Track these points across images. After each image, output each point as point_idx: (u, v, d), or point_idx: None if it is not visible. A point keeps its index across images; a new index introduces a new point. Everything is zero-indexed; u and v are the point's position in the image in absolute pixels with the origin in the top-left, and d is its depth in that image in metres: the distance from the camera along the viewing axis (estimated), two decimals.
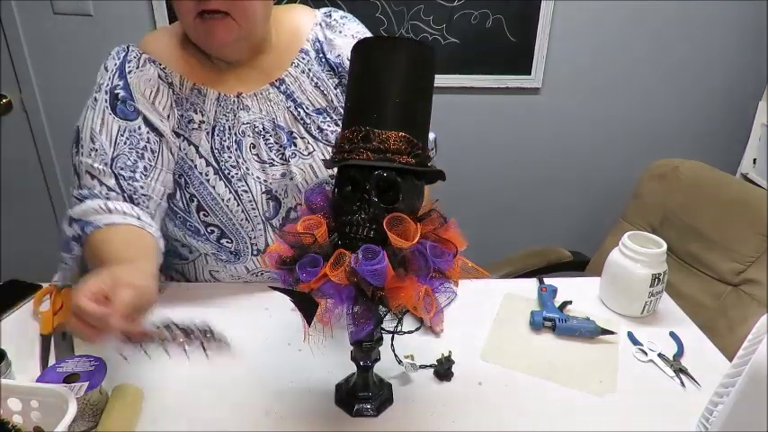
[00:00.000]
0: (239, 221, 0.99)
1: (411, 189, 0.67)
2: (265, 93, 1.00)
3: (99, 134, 0.92)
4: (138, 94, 0.94)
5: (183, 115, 0.97)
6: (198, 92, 0.98)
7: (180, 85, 0.97)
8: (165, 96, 0.96)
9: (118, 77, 0.95)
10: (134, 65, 0.95)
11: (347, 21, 1.07)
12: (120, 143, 0.93)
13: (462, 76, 1.86)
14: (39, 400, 0.68)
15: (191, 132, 0.97)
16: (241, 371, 0.86)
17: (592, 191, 2.11)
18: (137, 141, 0.93)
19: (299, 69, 1.02)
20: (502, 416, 0.81)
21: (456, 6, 1.75)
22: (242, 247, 1.03)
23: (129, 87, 0.94)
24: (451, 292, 0.66)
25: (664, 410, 0.83)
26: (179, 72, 0.97)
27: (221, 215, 0.99)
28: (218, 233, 1.00)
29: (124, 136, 0.93)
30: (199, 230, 1.00)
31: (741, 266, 1.30)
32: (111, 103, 0.93)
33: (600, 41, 1.86)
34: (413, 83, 0.68)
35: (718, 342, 0.99)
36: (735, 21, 1.86)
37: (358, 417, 0.80)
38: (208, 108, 0.98)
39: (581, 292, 1.09)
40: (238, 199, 0.98)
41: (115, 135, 0.93)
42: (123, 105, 0.93)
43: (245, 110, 0.99)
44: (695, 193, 1.42)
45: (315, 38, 1.04)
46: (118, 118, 0.93)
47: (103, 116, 0.93)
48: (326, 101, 1.03)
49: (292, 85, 1.01)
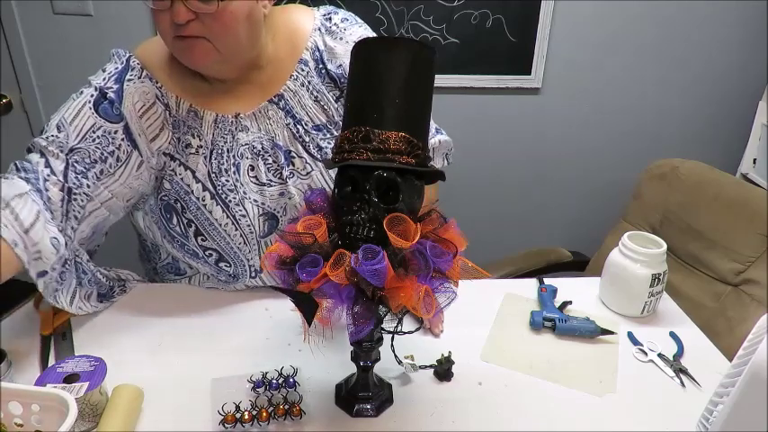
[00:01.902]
0: (237, 245, 0.97)
1: (411, 189, 0.67)
2: (264, 110, 0.97)
3: (68, 125, 0.89)
4: (128, 103, 0.91)
5: (181, 139, 0.94)
6: (194, 114, 0.94)
7: (176, 107, 0.94)
8: (156, 115, 0.93)
9: (114, 81, 0.92)
10: (135, 74, 0.93)
11: (349, 25, 1.01)
12: (89, 139, 0.89)
13: (462, 76, 1.86)
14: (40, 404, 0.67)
15: (188, 157, 0.94)
16: (241, 371, 0.86)
17: (592, 191, 2.11)
18: (106, 144, 0.90)
19: (297, 82, 0.97)
20: (502, 416, 0.81)
21: (456, 6, 1.75)
22: (240, 271, 1.01)
23: (121, 94, 0.91)
24: (451, 292, 0.66)
25: (664, 410, 0.83)
26: (174, 92, 0.94)
27: (219, 239, 0.96)
28: (216, 257, 0.99)
29: (96, 134, 0.89)
30: (197, 254, 0.99)
31: (741, 266, 1.30)
32: (96, 100, 0.90)
33: (600, 41, 1.86)
34: (413, 83, 0.67)
35: (718, 342, 0.99)
36: (735, 21, 1.85)
37: (358, 417, 0.80)
38: (205, 131, 0.95)
39: (581, 292, 1.09)
40: (236, 224, 0.96)
41: (86, 130, 0.89)
42: (109, 106, 0.90)
43: (243, 131, 0.96)
44: (695, 193, 1.42)
45: (314, 46, 0.98)
46: (98, 116, 0.90)
47: (81, 109, 0.90)
48: (327, 116, 0.99)
49: (291, 99, 0.97)
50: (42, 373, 0.79)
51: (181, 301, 1.04)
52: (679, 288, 1.37)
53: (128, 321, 0.98)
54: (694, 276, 1.39)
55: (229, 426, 0.76)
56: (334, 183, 0.71)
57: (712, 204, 1.37)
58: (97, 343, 0.94)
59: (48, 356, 0.90)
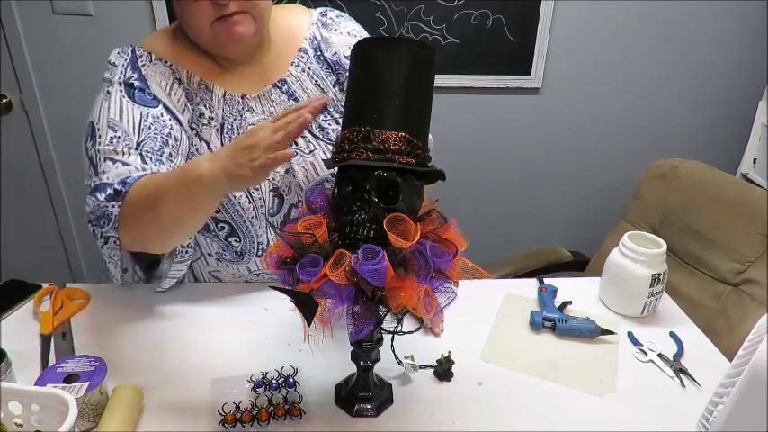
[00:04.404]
0: (249, 219, 0.99)
1: (411, 189, 0.67)
2: (268, 94, 1.01)
3: (120, 122, 0.88)
4: (154, 84, 0.93)
5: (195, 110, 0.98)
6: (205, 87, 0.98)
7: (188, 80, 0.97)
8: (179, 91, 0.96)
9: (131, 70, 0.93)
10: (146, 59, 0.95)
11: (342, 19, 1.08)
12: (145, 128, 0.89)
13: (462, 76, 1.86)
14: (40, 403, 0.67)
15: (201, 128, 0.98)
16: (241, 371, 0.86)
17: (592, 191, 2.11)
18: (161, 127, 0.91)
19: (299, 69, 1.03)
20: (502, 416, 0.81)
21: (456, 6, 1.75)
22: (248, 248, 1.03)
23: (144, 79, 0.93)
24: (451, 292, 0.66)
25: (664, 410, 0.83)
26: (185, 68, 0.97)
27: (233, 212, 0.99)
28: (227, 230, 1.00)
29: (148, 122, 0.90)
30: (209, 227, 1.00)
31: (741, 266, 1.30)
32: (127, 93, 0.91)
33: (600, 41, 1.86)
34: (413, 83, 0.68)
35: (718, 342, 0.99)
36: (735, 20, 1.86)
37: (358, 417, 0.80)
38: (215, 104, 0.98)
39: (581, 292, 1.09)
40: (250, 197, 0.99)
41: (138, 121, 0.89)
42: (142, 93, 0.92)
43: (249, 111, 1.00)
44: (695, 193, 1.42)
45: (312, 36, 1.05)
46: (138, 105, 0.90)
47: (121, 104, 0.89)
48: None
49: (294, 84, 1.02)
50: (42, 373, 0.79)
51: (181, 301, 1.04)
52: (679, 288, 1.37)
53: (128, 321, 0.98)
54: (694, 276, 1.39)
55: (229, 426, 0.76)
56: (334, 183, 0.71)
57: (712, 204, 1.37)
58: (97, 343, 0.94)
59: (48, 356, 0.90)
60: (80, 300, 1.04)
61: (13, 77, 1.80)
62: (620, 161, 2.05)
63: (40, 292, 1.04)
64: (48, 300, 1.02)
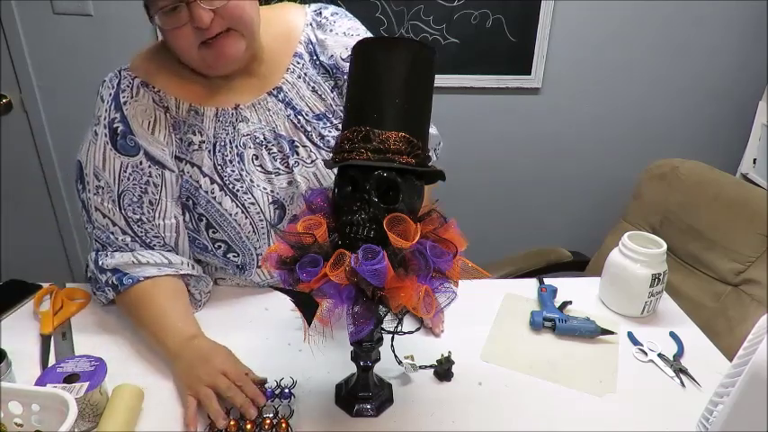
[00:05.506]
0: (246, 234, 0.98)
1: (411, 189, 0.67)
2: (263, 102, 0.98)
3: (103, 171, 0.93)
4: (136, 125, 0.92)
5: (183, 139, 0.96)
6: (195, 112, 0.95)
7: (176, 108, 0.95)
8: (162, 124, 0.94)
9: (114, 109, 0.92)
10: (128, 94, 0.93)
11: (338, 18, 1.04)
12: (125, 179, 0.93)
13: (462, 76, 1.86)
14: (40, 403, 0.67)
15: (192, 155, 0.96)
16: None
17: (592, 191, 2.11)
18: (140, 177, 0.93)
19: (295, 75, 0.99)
20: (502, 416, 0.81)
21: (456, 6, 1.75)
22: (247, 261, 1.02)
23: (126, 120, 0.92)
24: (451, 292, 0.66)
25: (664, 410, 0.83)
26: (173, 95, 0.95)
27: (229, 230, 0.98)
28: (224, 248, 1.00)
29: (127, 172, 0.93)
30: (207, 247, 1.00)
31: (741, 266, 1.30)
32: (111, 139, 0.92)
33: (600, 41, 1.86)
34: (413, 83, 0.67)
35: (718, 342, 0.99)
36: (735, 20, 1.86)
37: (358, 417, 0.80)
38: (206, 127, 0.96)
39: (581, 292, 1.09)
40: (246, 212, 0.97)
41: (118, 171, 0.93)
42: (124, 140, 0.92)
43: (244, 121, 0.97)
44: (695, 193, 1.42)
45: (307, 39, 1.01)
46: (120, 154, 0.92)
47: (105, 152, 0.92)
48: (325, 105, 1.01)
49: (290, 92, 0.99)
50: (42, 373, 0.79)
51: None
52: (679, 288, 1.36)
53: (128, 321, 0.98)
54: (694, 276, 1.39)
55: None
56: (334, 183, 0.71)
57: (712, 204, 1.37)
58: (97, 343, 0.94)
59: (48, 356, 0.90)
60: (80, 300, 1.04)
61: (13, 77, 1.80)
62: (620, 161, 2.05)
63: (40, 292, 1.04)
64: (48, 300, 1.02)
